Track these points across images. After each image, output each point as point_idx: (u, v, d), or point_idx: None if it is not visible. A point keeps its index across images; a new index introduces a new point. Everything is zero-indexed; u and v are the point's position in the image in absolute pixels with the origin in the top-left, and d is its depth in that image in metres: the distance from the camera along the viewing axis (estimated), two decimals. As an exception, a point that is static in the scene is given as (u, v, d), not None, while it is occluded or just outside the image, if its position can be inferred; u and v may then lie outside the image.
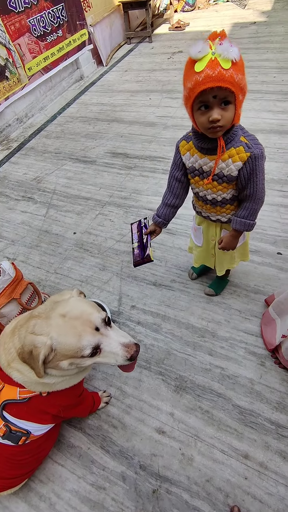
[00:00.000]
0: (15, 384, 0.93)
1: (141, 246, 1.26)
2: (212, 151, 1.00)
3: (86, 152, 2.97)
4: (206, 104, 0.86)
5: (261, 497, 1.09)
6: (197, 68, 0.81)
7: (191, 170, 1.10)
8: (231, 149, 0.97)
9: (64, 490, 1.17)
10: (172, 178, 1.17)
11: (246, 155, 0.97)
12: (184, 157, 1.09)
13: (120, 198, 2.40)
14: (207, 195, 1.14)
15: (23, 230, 2.30)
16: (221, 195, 1.11)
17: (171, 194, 1.20)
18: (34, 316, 0.87)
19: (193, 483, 1.14)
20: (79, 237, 2.16)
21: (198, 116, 0.90)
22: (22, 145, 3.28)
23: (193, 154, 1.05)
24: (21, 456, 1.03)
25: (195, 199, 1.26)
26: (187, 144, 1.07)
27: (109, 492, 1.15)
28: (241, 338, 1.50)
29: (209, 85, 0.81)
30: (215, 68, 0.80)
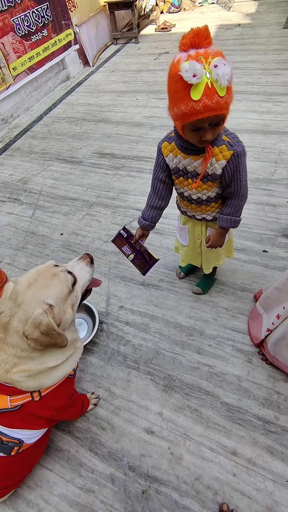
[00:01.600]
0: (14, 391, 0.91)
1: (138, 253, 1.26)
2: (196, 151, 1.01)
3: (73, 153, 2.94)
4: (201, 128, 0.88)
5: (249, 493, 1.10)
6: (194, 95, 0.80)
7: (175, 171, 1.10)
8: (214, 148, 0.98)
9: (52, 495, 1.15)
10: (156, 180, 1.16)
11: (229, 153, 0.98)
12: (167, 158, 1.09)
13: (107, 198, 2.39)
14: (192, 194, 1.14)
15: (9, 232, 2.26)
16: (206, 194, 1.12)
17: (156, 196, 1.19)
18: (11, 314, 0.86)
19: (182, 482, 1.14)
20: (66, 238, 2.14)
21: (190, 134, 0.92)
22: (7, 146, 3.23)
23: (177, 155, 1.05)
24: (12, 466, 1.01)
25: (179, 199, 1.26)
26: (169, 145, 1.06)
27: (98, 494, 1.14)
28: (229, 336, 1.51)
29: (208, 114, 0.82)
30: (212, 98, 0.79)
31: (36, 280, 0.89)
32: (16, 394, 0.92)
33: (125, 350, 1.52)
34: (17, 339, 0.85)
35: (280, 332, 1.21)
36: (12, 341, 0.86)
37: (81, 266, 1.04)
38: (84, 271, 1.04)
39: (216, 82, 0.77)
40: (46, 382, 0.94)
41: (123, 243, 1.27)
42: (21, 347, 0.86)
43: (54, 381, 0.96)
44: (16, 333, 0.85)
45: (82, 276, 1.01)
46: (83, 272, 1.03)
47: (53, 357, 0.93)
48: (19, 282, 0.91)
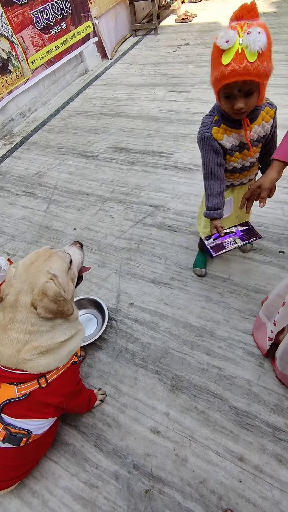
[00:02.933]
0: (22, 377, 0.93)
1: (237, 232, 1.29)
2: (250, 121, 1.06)
3: (88, 147, 2.94)
4: (231, 94, 0.94)
5: (255, 500, 1.07)
6: (224, 60, 0.86)
7: (232, 149, 1.14)
8: (261, 113, 1.07)
9: (57, 487, 1.17)
10: (214, 166, 1.16)
11: (273, 111, 1.09)
12: (223, 141, 1.12)
13: (121, 194, 2.37)
14: (246, 162, 1.20)
15: (23, 225, 2.29)
16: (256, 156, 1.20)
17: (218, 181, 1.19)
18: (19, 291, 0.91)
19: (186, 485, 1.13)
20: (79, 233, 2.14)
21: (224, 102, 0.99)
22: (24, 140, 3.26)
23: (231, 134, 1.10)
24: (21, 457, 1.03)
25: (227, 176, 1.27)
26: (220, 129, 1.10)
27: (102, 490, 1.15)
28: (240, 338, 1.47)
29: (234, 79, 0.87)
30: (241, 62, 0.84)
31: (37, 259, 0.96)
32: (23, 382, 0.94)
33: (133, 347, 1.51)
34: (26, 314, 0.89)
35: (284, 346, 1.15)
36: (22, 317, 0.89)
37: (73, 250, 1.12)
38: (76, 254, 1.12)
39: (246, 47, 0.81)
40: (55, 359, 0.96)
41: (220, 247, 1.28)
42: (31, 321, 0.90)
43: (62, 360, 0.99)
44: (24, 308, 0.89)
45: (75, 258, 1.09)
46: (76, 255, 1.11)
47: (61, 332, 0.97)
48: (20, 264, 0.97)
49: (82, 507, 1.12)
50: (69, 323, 1.00)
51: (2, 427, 0.94)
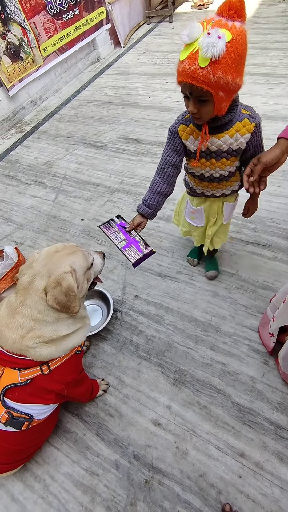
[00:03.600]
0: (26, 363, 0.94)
1: (132, 241, 1.13)
2: (218, 129, 0.99)
3: (98, 137, 2.91)
4: (185, 95, 0.88)
5: (254, 497, 1.07)
6: (181, 55, 0.80)
7: (196, 154, 1.07)
8: (237, 123, 0.98)
9: (58, 472, 1.19)
10: (166, 164, 1.10)
11: (252, 125, 0.98)
12: (187, 142, 1.06)
13: (130, 185, 2.35)
14: (215, 173, 1.12)
15: (32, 214, 2.29)
16: (228, 170, 1.10)
17: (163, 181, 1.13)
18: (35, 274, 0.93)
19: (186, 477, 1.13)
20: (86, 223, 2.14)
21: (184, 100, 0.92)
22: (35, 129, 3.24)
23: (197, 137, 1.02)
24: (22, 442, 1.05)
25: (195, 182, 1.22)
26: (187, 128, 1.04)
27: (102, 478, 1.16)
28: (245, 335, 1.45)
29: (182, 80, 0.82)
30: (192, 64, 0.78)
31: (62, 249, 0.98)
32: (26, 368, 0.95)
33: (137, 340, 1.51)
34: (35, 299, 0.90)
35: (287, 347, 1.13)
36: (31, 301, 0.91)
37: (96, 256, 1.12)
38: (98, 260, 1.13)
39: (200, 50, 0.75)
40: (57, 350, 0.97)
41: (112, 230, 1.15)
42: (38, 308, 0.91)
43: (64, 351, 0.99)
44: (36, 293, 0.90)
45: (96, 263, 1.11)
46: (98, 261, 1.13)
47: (65, 326, 0.97)
48: (44, 250, 0.99)
49: (82, 493, 1.14)
50: (75, 319, 1.01)
51: (5, 410, 0.96)
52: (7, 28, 2.92)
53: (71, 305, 0.90)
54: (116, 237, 1.13)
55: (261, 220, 1.91)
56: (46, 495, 1.15)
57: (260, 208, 1.95)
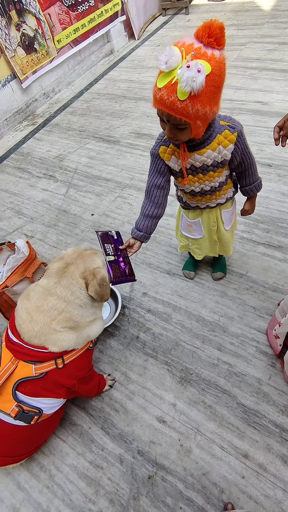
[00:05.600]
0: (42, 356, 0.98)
1: (120, 261, 1.12)
2: (199, 145, 0.97)
3: (110, 131, 2.89)
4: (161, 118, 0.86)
5: (257, 497, 1.08)
6: (159, 82, 0.78)
7: (181, 173, 1.06)
8: (217, 136, 0.96)
9: (63, 464, 1.22)
10: (152, 187, 1.10)
11: (234, 136, 0.97)
12: (170, 162, 1.04)
13: (141, 181, 2.34)
14: (205, 187, 1.11)
15: (42, 208, 2.31)
16: (218, 180, 1.10)
17: (152, 204, 1.13)
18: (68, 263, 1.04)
19: (189, 475, 1.14)
20: (96, 219, 2.14)
21: (160, 121, 0.90)
22: (47, 121, 3.25)
23: (179, 156, 1.00)
24: (30, 435, 1.07)
25: (188, 198, 1.20)
26: (168, 149, 1.02)
27: (106, 472, 1.18)
28: (253, 336, 1.45)
29: (160, 108, 0.80)
30: (171, 95, 0.75)
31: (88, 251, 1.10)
32: (42, 361, 0.97)
33: (144, 337, 1.52)
34: (71, 281, 1.00)
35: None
36: (66, 282, 1.00)
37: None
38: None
39: (179, 81, 0.72)
40: (77, 338, 1.03)
41: (108, 241, 1.15)
42: (72, 289, 1.00)
43: (82, 342, 1.05)
44: (71, 275, 1.01)
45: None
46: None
47: (89, 312, 1.06)
48: (70, 248, 1.12)
49: (86, 485, 1.16)
50: (95, 308, 1.09)
51: (16, 404, 0.98)
52: (22, 19, 2.90)
53: (104, 293, 1.02)
54: (108, 249, 1.13)
55: (273, 221, 1.88)
56: (51, 485, 1.18)
57: (273, 208, 1.94)
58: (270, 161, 2.23)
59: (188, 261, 1.73)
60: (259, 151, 2.31)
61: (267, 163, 2.21)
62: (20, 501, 1.16)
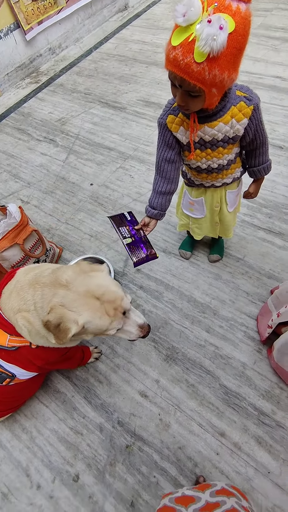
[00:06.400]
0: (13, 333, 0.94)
1: (138, 241, 1.07)
2: (210, 117, 0.88)
3: (117, 97, 2.73)
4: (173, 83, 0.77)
5: (228, 473, 1.12)
6: (173, 39, 0.68)
7: (189, 146, 0.97)
8: (232, 107, 0.87)
9: (45, 427, 1.25)
10: (162, 161, 1.02)
11: (249, 109, 0.88)
12: (178, 134, 0.96)
13: (144, 153, 2.23)
14: (212, 164, 1.03)
15: (40, 173, 2.22)
16: (227, 158, 1.01)
17: (163, 179, 1.06)
18: (62, 285, 0.85)
19: (165, 447, 1.18)
20: (95, 189, 2.07)
21: (171, 86, 0.81)
22: (51, 80, 3.05)
23: (188, 128, 0.92)
24: (6, 395, 1.08)
25: (193, 174, 1.13)
26: (176, 118, 0.93)
27: (86, 438, 1.22)
28: (243, 321, 1.44)
29: (173, 70, 0.71)
30: (186, 55, 0.66)
31: (108, 302, 0.86)
32: (17, 335, 0.95)
33: (134, 313, 1.51)
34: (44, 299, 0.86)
35: (286, 339, 1.11)
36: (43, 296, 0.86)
37: (134, 330, 0.96)
38: (128, 334, 0.97)
39: (198, 40, 0.63)
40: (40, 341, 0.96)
41: (122, 224, 1.08)
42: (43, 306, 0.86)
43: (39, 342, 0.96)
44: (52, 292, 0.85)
45: (123, 333, 0.97)
46: (127, 334, 0.97)
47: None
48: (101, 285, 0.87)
49: (66, 449, 1.20)
50: None
51: None
52: None
53: (58, 336, 0.82)
54: (124, 232, 1.07)
55: (277, 206, 1.82)
56: (32, 446, 1.22)
57: (278, 193, 1.87)
58: (282, 143, 2.11)
59: (185, 241, 1.69)
60: (272, 131, 2.19)
61: (278, 145, 2.11)
62: (1, 458, 1.20)
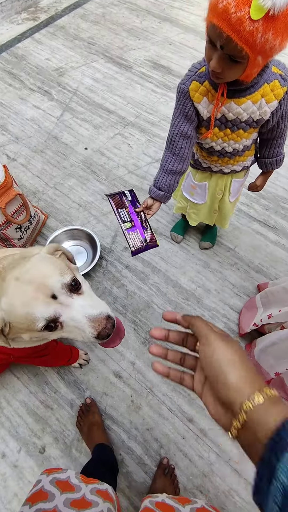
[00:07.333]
0: None
1: (138, 226, 0.96)
2: (240, 92, 0.78)
3: (124, 52, 2.47)
4: (212, 43, 0.65)
5: (191, 456, 1.16)
6: None
7: (208, 122, 0.86)
8: (264, 85, 0.77)
9: (14, 399, 1.23)
10: (177, 135, 0.89)
11: (282, 90, 0.78)
12: (199, 105, 0.83)
13: (147, 122, 2.07)
14: (227, 147, 0.94)
15: (31, 128, 2.02)
16: (244, 143, 0.93)
17: (175, 156, 0.93)
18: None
19: (133, 428, 1.20)
20: (89, 154, 1.91)
21: (207, 46, 0.69)
22: (51, 20, 2.70)
23: (213, 100, 0.81)
24: None
25: (203, 155, 1.03)
26: (201, 86, 0.81)
27: (55, 412, 1.21)
28: (225, 313, 1.43)
29: (219, 24, 0.59)
30: (241, 8, 0.55)
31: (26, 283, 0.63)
32: None
33: (117, 292, 1.47)
34: None
35: (270, 340, 1.11)
36: None
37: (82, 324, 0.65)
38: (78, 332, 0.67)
39: None
40: None
41: (122, 205, 0.96)
42: None
43: None
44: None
45: (70, 332, 0.68)
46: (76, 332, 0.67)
47: None
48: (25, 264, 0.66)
49: (34, 421, 1.19)
50: None
51: None
52: None
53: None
54: (123, 215, 0.94)
55: (275, 199, 1.76)
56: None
57: (279, 185, 1.81)
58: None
59: (178, 223, 1.62)
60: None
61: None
62: None
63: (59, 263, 0.69)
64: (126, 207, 0.96)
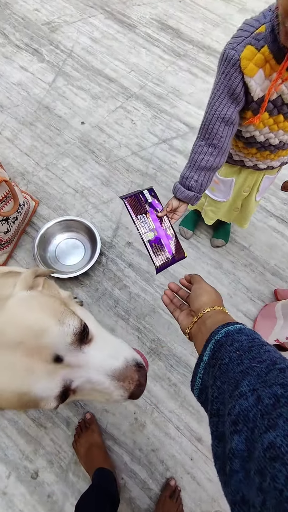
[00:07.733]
0: None
1: (162, 236, 0.78)
2: None
3: (127, 8, 2.13)
4: None
5: (200, 480, 1.06)
6: None
7: (259, 104, 0.65)
8: None
9: (2, 417, 1.09)
10: (217, 120, 0.68)
11: None
12: (253, 80, 0.62)
13: (153, 94, 1.81)
14: (273, 138, 0.74)
15: (18, 95, 1.73)
16: None
17: (212, 148, 0.72)
18: None
19: (137, 449, 1.08)
20: (87, 130, 1.66)
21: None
22: None
23: (271, 73, 0.60)
24: None
25: (238, 147, 0.84)
26: (258, 53, 0.59)
27: (49, 432, 1.08)
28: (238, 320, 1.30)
29: None
30: None
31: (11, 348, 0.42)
32: None
33: (119, 295, 1.30)
34: None
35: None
36: None
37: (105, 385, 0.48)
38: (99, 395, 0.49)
39: None
40: None
41: (140, 210, 0.76)
42: None
43: None
44: None
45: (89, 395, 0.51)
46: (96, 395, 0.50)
47: None
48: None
49: (25, 442, 1.06)
50: None
51: None
52: None
53: None
54: (144, 223, 0.76)
55: (294, 192, 1.59)
56: (-15, 436, 1.06)
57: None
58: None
59: (188, 217, 1.44)
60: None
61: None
62: None
63: (50, 302, 0.47)
64: (146, 211, 0.76)
